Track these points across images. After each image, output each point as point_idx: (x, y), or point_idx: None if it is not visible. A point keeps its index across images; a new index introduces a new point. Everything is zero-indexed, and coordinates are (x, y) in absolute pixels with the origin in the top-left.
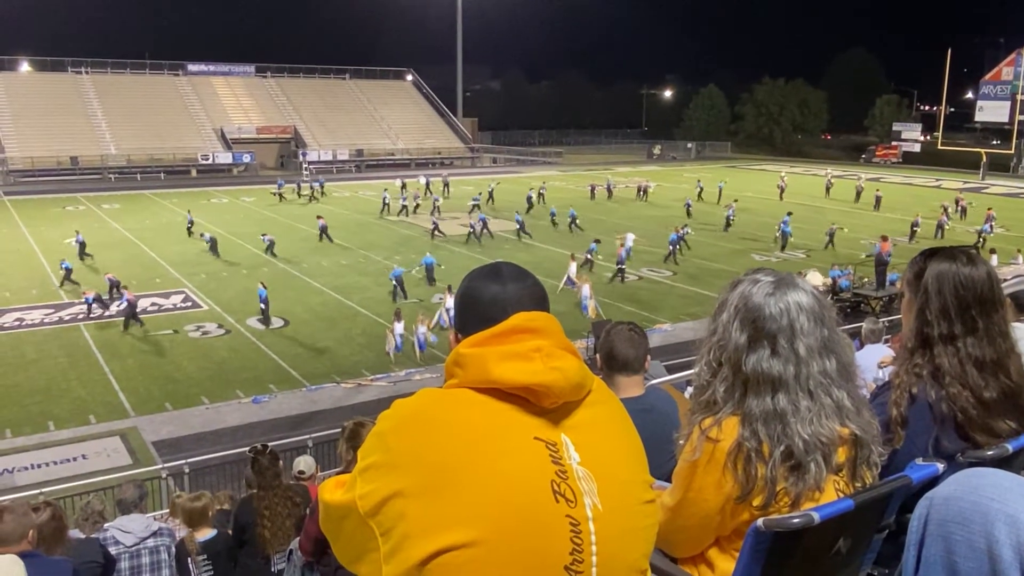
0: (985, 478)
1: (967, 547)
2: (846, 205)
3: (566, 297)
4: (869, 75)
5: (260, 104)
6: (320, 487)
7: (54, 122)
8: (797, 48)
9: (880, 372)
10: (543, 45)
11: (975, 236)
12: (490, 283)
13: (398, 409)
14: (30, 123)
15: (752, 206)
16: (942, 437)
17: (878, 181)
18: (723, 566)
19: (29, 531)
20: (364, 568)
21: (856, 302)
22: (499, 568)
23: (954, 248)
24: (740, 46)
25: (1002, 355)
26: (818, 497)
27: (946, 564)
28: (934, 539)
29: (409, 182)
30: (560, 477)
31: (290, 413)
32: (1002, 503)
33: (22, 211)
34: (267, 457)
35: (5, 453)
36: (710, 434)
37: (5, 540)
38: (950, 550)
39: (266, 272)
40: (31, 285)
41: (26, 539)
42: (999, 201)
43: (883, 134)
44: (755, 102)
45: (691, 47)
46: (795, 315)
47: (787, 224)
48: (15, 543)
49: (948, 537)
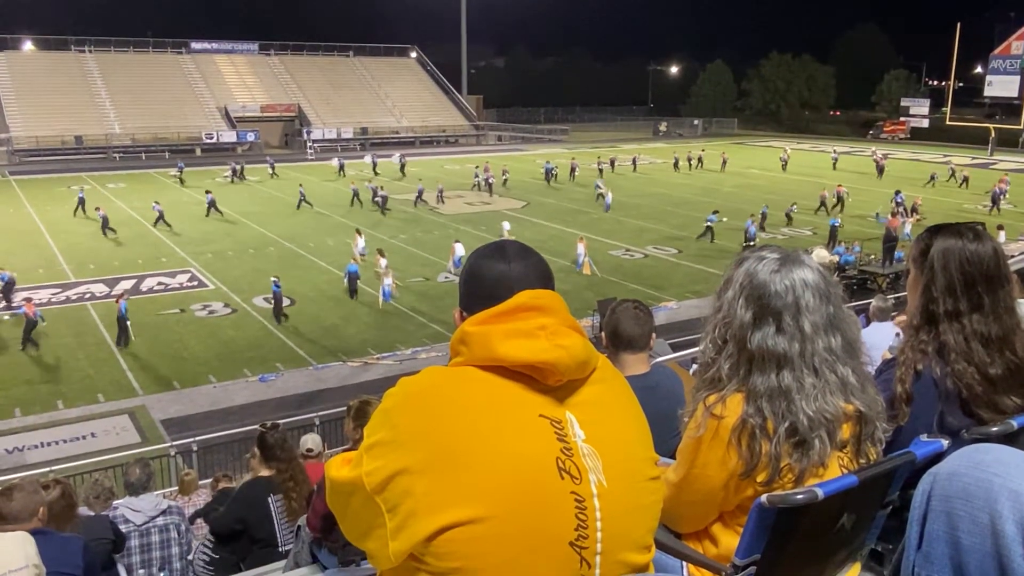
0: (989, 454)
1: (970, 522)
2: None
3: (571, 277)
4: (877, 50)
5: (264, 82)
6: (327, 464)
7: (58, 101)
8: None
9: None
10: (548, 22)
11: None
12: (495, 261)
13: (404, 387)
14: (34, 102)
15: (757, 182)
16: (947, 413)
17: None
18: (727, 541)
19: (39, 508)
20: (371, 544)
21: (863, 279)
22: (504, 544)
23: (960, 224)
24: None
25: (1008, 331)
26: (822, 473)
27: (949, 539)
28: (937, 515)
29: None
30: (565, 454)
31: (297, 392)
32: (1005, 479)
33: (27, 191)
34: (279, 434)
35: (15, 432)
36: (714, 411)
37: (16, 518)
38: (953, 525)
39: (272, 252)
40: (38, 264)
41: (36, 516)
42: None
43: (891, 110)
44: (762, 78)
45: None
46: (800, 292)
47: (712, 220)
48: (25, 520)
49: (952, 512)
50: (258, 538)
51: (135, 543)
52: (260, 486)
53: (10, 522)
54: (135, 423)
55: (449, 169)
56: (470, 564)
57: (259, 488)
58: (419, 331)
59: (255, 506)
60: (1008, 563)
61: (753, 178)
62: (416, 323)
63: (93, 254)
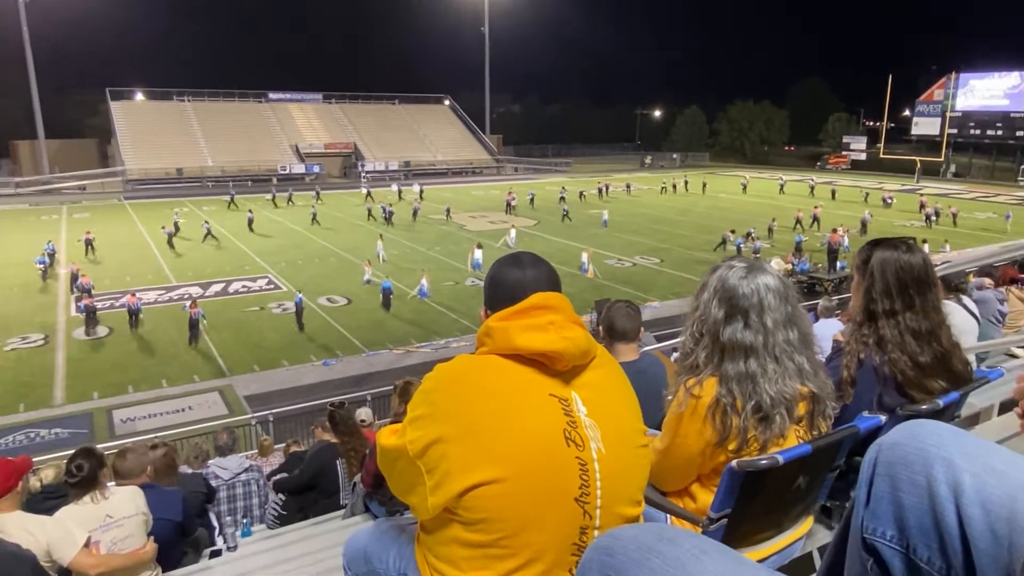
0: (925, 428)
1: (910, 484)
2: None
3: (575, 281)
4: (823, 97)
5: (326, 125)
6: (377, 434)
7: (163, 141)
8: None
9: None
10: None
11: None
12: (513, 269)
13: (440, 371)
14: (143, 142)
15: (724, 204)
16: (884, 394)
17: (830, 184)
18: (703, 498)
19: (147, 467)
20: (413, 499)
21: (811, 283)
22: (521, 499)
23: (896, 239)
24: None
25: (935, 327)
26: (782, 443)
27: (892, 499)
28: (882, 478)
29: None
30: (571, 427)
31: (352, 373)
32: (940, 448)
33: (138, 213)
34: (345, 410)
35: (129, 405)
36: (693, 392)
37: (128, 474)
38: (896, 487)
39: (332, 261)
40: (147, 271)
41: (145, 473)
42: (930, 200)
43: (835, 145)
44: (729, 120)
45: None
46: (763, 294)
47: (728, 236)
48: (136, 477)
49: (894, 476)
50: (326, 491)
51: (223, 495)
52: (329, 451)
53: (124, 478)
54: (223, 398)
55: (475, 195)
56: (493, 516)
57: (328, 453)
58: (452, 325)
59: (326, 466)
60: (941, 517)
61: (721, 200)
62: (449, 319)
63: (191, 263)
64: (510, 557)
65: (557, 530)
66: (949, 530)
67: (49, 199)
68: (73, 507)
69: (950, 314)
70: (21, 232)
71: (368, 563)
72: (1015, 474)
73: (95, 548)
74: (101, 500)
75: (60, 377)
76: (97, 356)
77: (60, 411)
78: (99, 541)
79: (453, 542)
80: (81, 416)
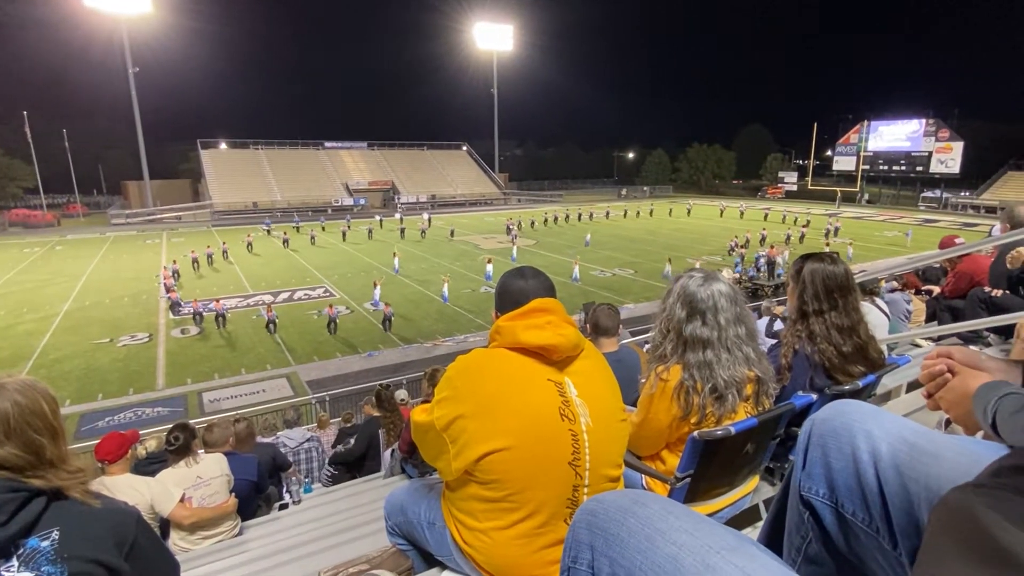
0: (850, 405)
1: (838, 452)
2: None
3: (567, 289)
4: (762, 141)
5: (370, 166)
6: (412, 411)
7: (241, 180)
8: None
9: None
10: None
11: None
12: (517, 279)
13: (459, 361)
14: (226, 180)
15: (685, 226)
16: (815, 377)
17: (768, 210)
18: (671, 461)
19: (230, 438)
20: (440, 463)
21: (755, 288)
22: (526, 464)
23: (823, 253)
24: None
25: (855, 323)
26: (734, 417)
27: (823, 463)
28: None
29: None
30: (564, 405)
31: (391, 363)
32: (861, 422)
33: (223, 237)
34: (389, 392)
35: (215, 388)
36: (662, 376)
37: (215, 444)
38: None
39: (376, 274)
40: (229, 282)
41: (228, 443)
42: (849, 222)
43: (772, 179)
44: (688, 159)
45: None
46: (717, 298)
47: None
48: (221, 446)
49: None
50: (372, 456)
51: (290, 459)
52: (374, 424)
53: (211, 447)
54: (289, 383)
55: (487, 221)
56: (504, 477)
57: (374, 425)
58: (469, 324)
59: (374, 436)
60: (863, 478)
61: (683, 222)
62: (466, 319)
63: (263, 275)
64: (517, 510)
65: (554, 488)
66: (870, 489)
67: (152, 227)
68: (171, 470)
69: (866, 313)
70: (131, 254)
71: (404, 514)
72: (922, 443)
73: (188, 503)
74: (193, 464)
75: (161, 367)
76: (190, 350)
77: (161, 394)
78: (191, 497)
79: (472, 498)
80: (178, 398)
